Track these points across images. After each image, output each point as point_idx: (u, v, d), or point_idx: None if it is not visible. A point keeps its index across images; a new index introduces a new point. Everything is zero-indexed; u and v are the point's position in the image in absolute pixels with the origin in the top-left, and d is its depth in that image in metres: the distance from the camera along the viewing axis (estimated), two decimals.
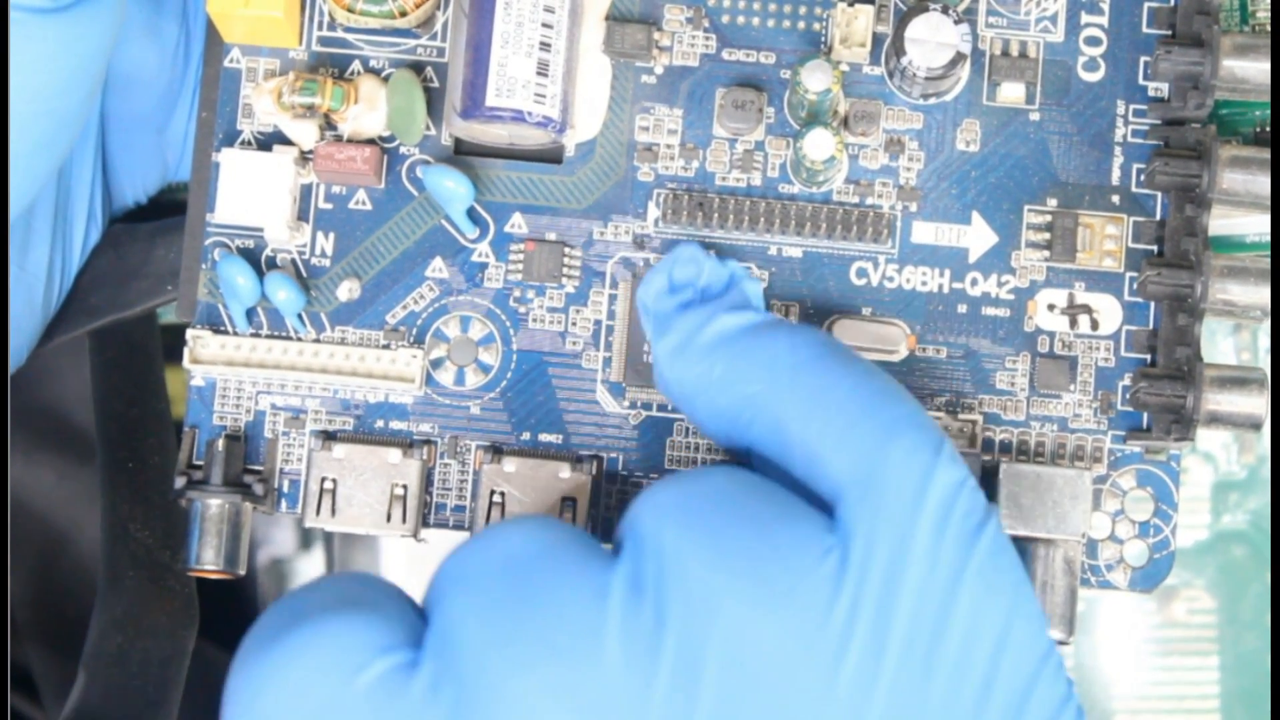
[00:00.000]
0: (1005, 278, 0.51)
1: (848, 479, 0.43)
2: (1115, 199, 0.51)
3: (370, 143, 0.50)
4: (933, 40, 0.49)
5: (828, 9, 0.51)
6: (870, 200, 0.51)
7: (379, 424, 0.50)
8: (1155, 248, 0.51)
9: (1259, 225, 0.54)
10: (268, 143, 0.51)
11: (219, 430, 0.50)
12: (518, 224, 0.51)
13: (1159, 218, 0.51)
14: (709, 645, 0.41)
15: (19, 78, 0.46)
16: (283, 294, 0.50)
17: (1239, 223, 0.54)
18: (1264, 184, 0.49)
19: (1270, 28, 0.53)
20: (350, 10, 0.50)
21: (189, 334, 0.50)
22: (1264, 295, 0.49)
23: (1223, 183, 0.49)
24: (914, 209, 0.51)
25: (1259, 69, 0.49)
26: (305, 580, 0.67)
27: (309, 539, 0.68)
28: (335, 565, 0.68)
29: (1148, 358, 0.50)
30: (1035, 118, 0.51)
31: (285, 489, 0.50)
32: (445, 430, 0.50)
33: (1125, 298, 0.51)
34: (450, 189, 0.50)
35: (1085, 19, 0.51)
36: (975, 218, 0.51)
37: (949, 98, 0.51)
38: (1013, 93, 0.51)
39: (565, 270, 0.51)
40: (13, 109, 0.46)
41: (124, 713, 0.55)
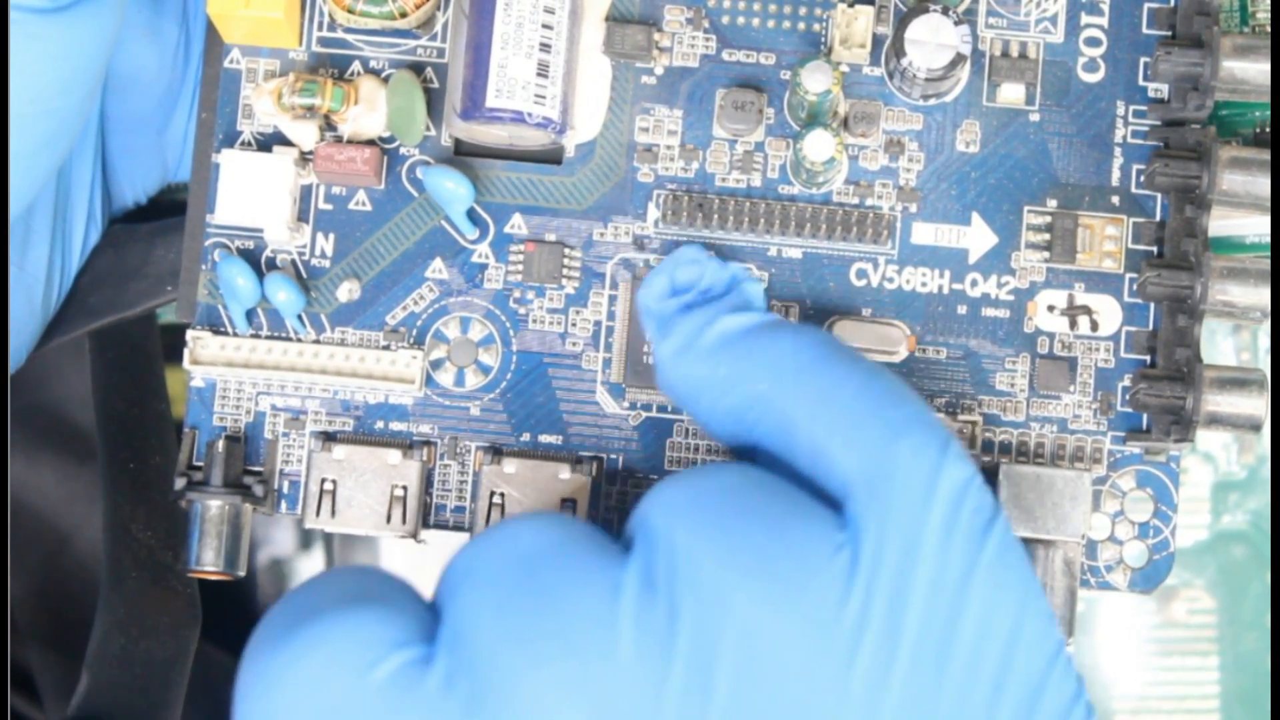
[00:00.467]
0: (1005, 279, 0.51)
1: (856, 477, 0.43)
2: (1115, 200, 0.51)
3: (370, 143, 0.50)
4: (933, 41, 0.49)
5: (828, 10, 0.51)
6: (870, 201, 0.51)
7: (379, 425, 0.50)
8: (1155, 249, 0.51)
9: (1259, 226, 0.54)
10: (268, 143, 0.51)
11: (219, 431, 0.50)
12: (518, 225, 0.51)
13: (1159, 219, 0.51)
14: (722, 642, 0.41)
15: (19, 78, 0.46)
16: (283, 295, 0.50)
17: (1239, 224, 0.54)
18: (1264, 185, 0.49)
19: (1270, 28, 0.53)
20: (350, 11, 0.50)
21: (189, 335, 0.50)
22: (1264, 296, 0.49)
23: (1222, 184, 0.49)
24: (914, 210, 0.51)
25: (1259, 70, 0.49)
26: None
27: (309, 540, 0.68)
28: (335, 566, 0.68)
29: (1147, 359, 0.50)
30: (1035, 119, 0.51)
31: (285, 490, 0.50)
32: (445, 431, 0.50)
33: (1125, 299, 0.51)
34: (450, 190, 0.50)
35: (1085, 20, 0.51)
36: (975, 219, 0.51)
37: (949, 99, 0.51)
38: (1012, 94, 0.51)
39: (565, 271, 0.51)
40: (13, 109, 0.46)
41: (127, 713, 0.55)
